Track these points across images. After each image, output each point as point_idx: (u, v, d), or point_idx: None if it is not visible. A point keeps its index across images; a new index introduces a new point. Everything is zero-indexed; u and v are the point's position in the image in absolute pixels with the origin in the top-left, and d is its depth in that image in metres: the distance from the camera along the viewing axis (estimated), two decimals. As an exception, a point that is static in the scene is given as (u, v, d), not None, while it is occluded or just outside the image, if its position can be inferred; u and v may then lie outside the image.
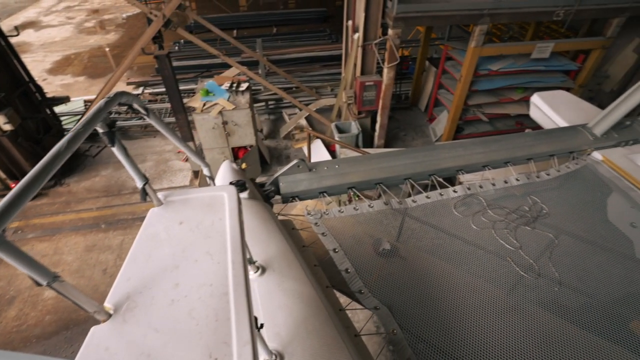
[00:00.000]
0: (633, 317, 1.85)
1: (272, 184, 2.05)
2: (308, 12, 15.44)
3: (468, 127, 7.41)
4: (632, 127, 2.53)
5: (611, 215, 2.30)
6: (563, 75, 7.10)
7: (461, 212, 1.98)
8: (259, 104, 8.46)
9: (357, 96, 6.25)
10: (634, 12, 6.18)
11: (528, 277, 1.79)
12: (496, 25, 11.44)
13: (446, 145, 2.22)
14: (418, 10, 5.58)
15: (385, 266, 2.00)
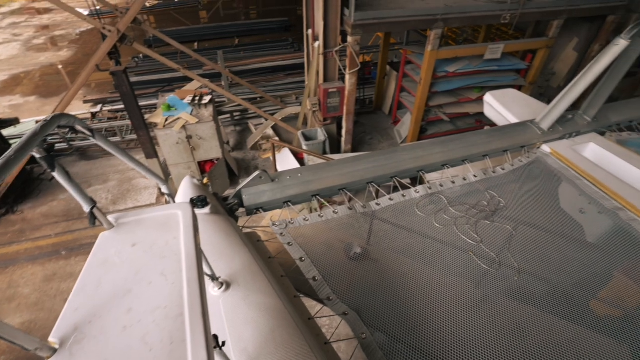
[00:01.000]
0: (591, 298, 1.97)
1: (235, 197, 2.02)
2: (270, 22, 15.50)
3: (431, 127, 7.66)
4: (574, 120, 2.71)
5: (562, 203, 2.44)
6: (515, 74, 7.51)
7: (424, 212, 2.04)
8: (223, 116, 8.35)
9: (322, 103, 6.32)
10: (570, 15, 6.67)
11: (490, 269, 1.86)
12: (451, 29, 11.97)
13: (406, 147, 2.29)
14: (375, 17, 5.74)
15: (357, 270, 2.01)
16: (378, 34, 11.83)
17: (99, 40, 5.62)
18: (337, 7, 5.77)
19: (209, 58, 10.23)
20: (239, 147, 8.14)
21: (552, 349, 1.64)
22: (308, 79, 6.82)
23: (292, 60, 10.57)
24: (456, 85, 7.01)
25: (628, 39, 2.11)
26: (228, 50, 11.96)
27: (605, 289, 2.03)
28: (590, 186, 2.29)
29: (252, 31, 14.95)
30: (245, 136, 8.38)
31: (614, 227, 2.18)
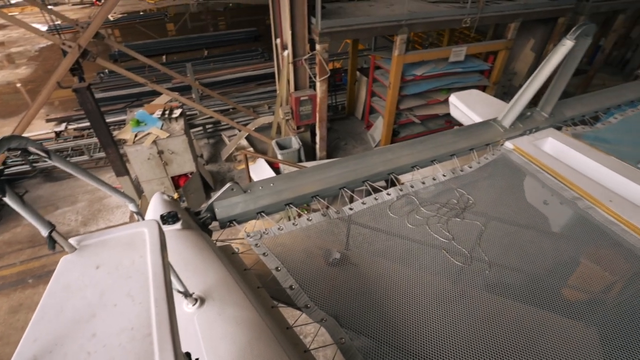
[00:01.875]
0: (562, 284, 2.05)
1: (207, 211, 1.99)
2: (238, 32, 15.48)
3: (403, 130, 7.84)
4: (533, 117, 2.85)
5: (527, 196, 2.55)
6: (479, 75, 7.82)
7: (397, 213, 2.07)
8: (196, 129, 8.23)
9: (294, 111, 6.35)
10: (525, 17, 7.04)
11: (463, 265, 1.92)
12: (417, 34, 12.34)
13: (376, 151, 2.33)
14: (342, 25, 5.85)
15: (337, 275, 2.02)
16: (347, 41, 12.04)
17: (60, 56, 5.44)
18: (303, 16, 5.85)
19: (178, 71, 10.10)
20: (214, 160, 8.03)
21: (528, 337, 1.70)
22: (279, 87, 6.84)
23: (263, 70, 10.59)
24: (424, 88, 7.22)
25: (573, 39, 2.25)
26: (197, 62, 11.85)
27: (574, 275, 2.12)
28: (551, 179, 2.40)
29: (221, 42, 14.88)
30: (219, 148, 8.28)
31: (574, 216, 2.29)
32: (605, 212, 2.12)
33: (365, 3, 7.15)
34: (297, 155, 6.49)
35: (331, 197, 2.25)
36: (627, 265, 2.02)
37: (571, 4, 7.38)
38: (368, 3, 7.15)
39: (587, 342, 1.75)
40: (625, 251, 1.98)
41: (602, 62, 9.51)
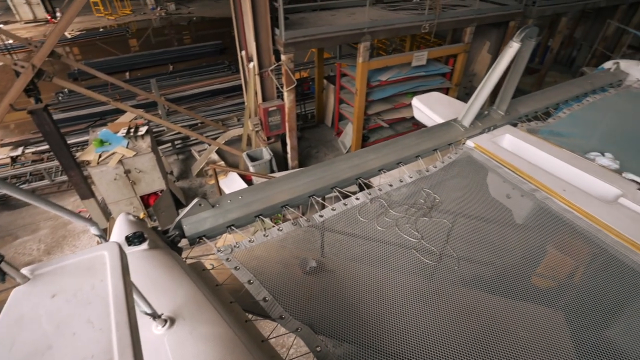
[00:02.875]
0: (531, 274, 2.14)
1: (175, 229, 1.95)
2: (204, 46, 15.35)
3: (373, 134, 7.99)
4: (490, 115, 2.99)
5: (491, 191, 2.66)
6: (441, 78, 8.12)
7: (366, 217, 2.11)
8: (164, 145, 8.04)
9: (263, 122, 6.34)
10: (480, 22, 7.41)
11: (433, 263, 1.97)
12: (380, 41, 12.67)
13: (343, 157, 2.37)
14: (305, 35, 5.94)
15: (314, 283, 2.02)
16: (312, 50, 12.20)
17: (13, 77, 5.19)
18: (267, 27, 5.89)
19: (142, 87, 9.88)
20: (184, 176, 7.87)
21: (502, 326, 1.76)
22: (247, 99, 6.82)
23: (230, 83, 10.53)
24: (390, 93, 7.41)
25: (519, 41, 2.40)
26: (162, 78, 11.63)
27: (539, 263, 2.23)
28: (511, 173, 2.52)
29: (187, 56, 14.69)
30: (189, 164, 8.13)
31: (534, 207, 2.41)
32: (560, 201, 2.24)
33: (327, 13, 7.30)
34: (268, 166, 6.47)
35: (305, 206, 2.27)
36: (583, 249, 2.14)
37: (519, 9, 7.85)
38: (330, 12, 7.31)
39: (555, 326, 1.83)
40: (580, 236, 2.10)
41: (551, 61, 10.12)
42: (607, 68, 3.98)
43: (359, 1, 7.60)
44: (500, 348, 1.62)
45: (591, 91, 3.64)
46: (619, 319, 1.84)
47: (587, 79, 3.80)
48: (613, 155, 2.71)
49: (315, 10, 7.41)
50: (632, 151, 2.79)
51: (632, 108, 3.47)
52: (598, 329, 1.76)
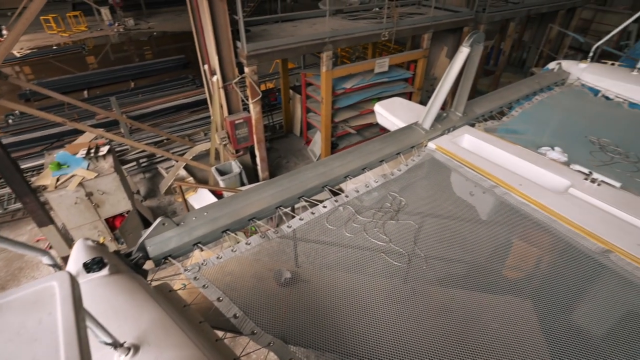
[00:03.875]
0: (498, 266, 2.22)
1: (139, 251, 1.88)
2: (166, 61, 15.03)
3: (341, 141, 8.08)
4: (449, 117, 3.11)
5: (455, 190, 2.75)
6: (404, 83, 8.37)
7: (335, 224, 2.12)
8: (128, 164, 7.76)
9: (231, 135, 6.27)
10: (436, 28, 7.73)
11: (402, 265, 2.00)
12: (343, 49, 12.92)
13: (308, 166, 2.38)
14: (267, 47, 5.96)
15: (286, 295, 2.00)
16: (277, 61, 12.25)
17: (-44, 103, 4.86)
18: (228, 40, 5.86)
19: (102, 105, 9.54)
20: (152, 195, 7.61)
21: (474, 320, 1.81)
22: (213, 113, 6.73)
23: (195, 97, 10.35)
24: (355, 100, 7.55)
25: (468, 46, 2.53)
26: (123, 95, 11.26)
27: (504, 255, 2.31)
28: (471, 172, 2.62)
29: (148, 72, 14.33)
30: (156, 182, 7.88)
31: (495, 202, 2.51)
32: (518, 195, 2.35)
33: (289, 24, 7.36)
34: (238, 179, 6.39)
35: (279, 217, 2.25)
36: (542, 239, 2.25)
37: (471, 16, 8.27)
38: (292, 24, 7.38)
39: (524, 314, 1.91)
40: (538, 227, 2.20)
41: (505, 63, 10.71)
42: (551, 68, 4.26)
43: (320, 12, 7.73)
44: (474, 341, 1.66)
45: (539, 90, 3.87)
46: (580, 302, 1.93)
47: (535, 79, 4.04)
48: (562, 148, 2.88)
49: (277, 22, 7.47)
50: (577, 144, 2.98)
51: (574, 104, 3.72)
52: (562, 312, 1.84)
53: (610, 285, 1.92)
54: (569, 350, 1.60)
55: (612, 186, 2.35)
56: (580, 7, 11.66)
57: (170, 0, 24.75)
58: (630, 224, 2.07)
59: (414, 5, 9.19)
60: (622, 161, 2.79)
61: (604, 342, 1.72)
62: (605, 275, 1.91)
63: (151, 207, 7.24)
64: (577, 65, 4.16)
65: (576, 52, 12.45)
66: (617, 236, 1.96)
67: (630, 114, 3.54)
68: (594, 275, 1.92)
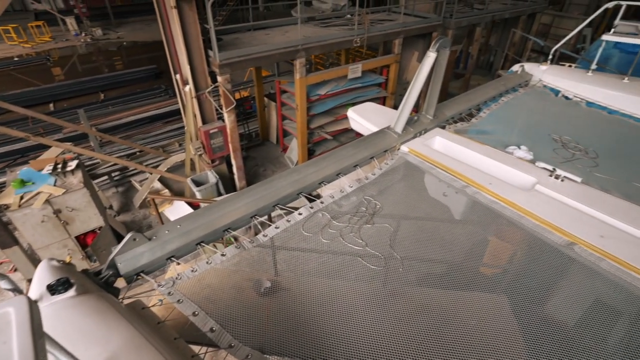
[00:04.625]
0: (473, 264, 2.27)
1: (109, 268, 1.81)
2: (137, 71, 14.69)
3: (318, 147, 8.11)
4: (420, 120, 3.18)
5: (429, 192, 2.81)
6: (377, 87, 8.51)
7: (311, 231, 2.12)
8: (100, 179, 7.50)
9: (206, 145, 6.18)
10: (406, 34, 7.92)
11: (379, 268, 2.02)
12: (318, 56, 13.03)
13: (282, 174, 2.38)
14: (240, 55, 5.93)
15: (265, 304, 1.97)
16: (251, 69, 12.22)
17: None
18: (200, 49, 5.81)
19: (69, 119, 9.21)
20: (126, 209, 7.38)
21: (453, 318, 1.85)
22: (186, 123, 6.62)
23: (168, 107, 10.17)
24: (330, 105, 7.61)
25: (435, 51, 2.61)
26: (93, 107, 10.91)
27: (479, 252, 2.37)
28: (444, 173, 2.69)
29: (119, 83, 13.95)
30: (130, 196, 7.65)
31: (467, 201, 2.58)
32: (488, 194, 2.43)
33: (261, 32, 7.37)
34: (215, 189, 6.29)
35: (257, 226, 2.22)
36: (512, 236, 2.33)
37: (439, 21, 8.54)
38: (264, 32, 7.39)
39: (501, 310, 1.96)
40: (508, 224, 2.27)
41: (473, 66, 11.10)
42: (515, 71, 4.45)
43: (292, 20, 7.78)
44: (454, 338, 1.69)
45: (505, 92, 4.03)
46: (550, 294, 2.00)
47: (501, 81, 4.20)
48: (527, 147, 3.00)
49: (249, 30, 7.46)
50: (541, 142, 3.11)
51: (537, 104, 3.90)
52: (534, 305, 1.91)
53: (577, 276, 2.01)
54: (543, 340, 1.65)
55: (574, 181, 2.46)
56: (539, 13, 12.28)
57: (139, 10, 24.27)
58: (591, 216, 2.17)
59: (384, 12, 9.41)
60: (582, 157, 2.93)
61: (575, 329, 1.78)
62: (571, 267, 1.99)
63: (125, 221, 7.02)
64: (539, 67, 4.36)
65: (538, 55, 13.06)
66: (580, 229, 2.05)
67: (588, 113, 3.74)
68: (561, 268, 2.00)
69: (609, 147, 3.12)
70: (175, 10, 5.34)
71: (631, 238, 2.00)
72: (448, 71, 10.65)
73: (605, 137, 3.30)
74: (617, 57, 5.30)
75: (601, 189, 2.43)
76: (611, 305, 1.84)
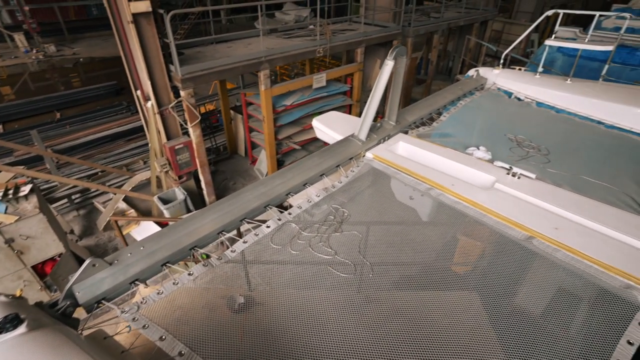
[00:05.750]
0: (447, 263, 2.32)
1: (66, 298, 1.71)
2: (96, 88, 14.11)
3: (288, 157, 8.11)
4: (383, 127, 3.26)
5: (395, 196, 2.86)
6: (342, 96, 8.65)
7: (280, 243, 2.10)
8: (58, 202, 7.10)
9: (171, 162, 6.02)
10: (367, 43, 8.14)
11: (349, 276, 2.03)
12: (283, 67, 13.10)
13: (248, 187, 2.35)
14: (202, 69, 5.86)
15: (243, 321, 1.93)
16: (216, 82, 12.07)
17: None
18: (160, 64, 5.68)
19: (21, 140, 8.71)
20: (89, 232, 7.02)
21: (428, 319, 1.87)
22: (150, 140, 6.42)
23: (131, 125, 9.83)
24: (297, 115, 7.64)
25: (392, 59, 2.70)
26: (48, 127, 10.36)
27: (447, 252, 2.43)
28: (408, 177, 2.75)
29: (77, 101, 13.33)
30: (93, 218, 7.29)
31: (432, 203, 2.65)
32: (451, 195, 2.51)
33: (224, 45, 7.32)
34: (184, 206, 6.11)
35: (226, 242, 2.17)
36: (477, 234, 2.41)
37: (398, 30, 8.84)
38: (227, 45, 7.35)
39: (474, 307, 2.01)
40: (473, 223, 2.35)
41: (433, 72, 11.56)
42: (471, 75, 4.67)
43: (255, 32, 7.79)
44: (429, 339, 1.72)
45: (462, 95, 4.21)
46: (515, 286, 2.08)
47: (458, 86, 4.40)
48: (486, 147, 3.14)
49: (212, 44, 7.39)
50: (498, 142, 3.27)
51: (493, 106, 4.10)
52: (502, 298, 1.97)
53: (537, 267, 2.11)
54: (512, 331, 1.72)
55: (529, 178, 2.60)
56: (491, 20, 13.01)
57: (95, 25, 23.40)
58: (546, 210, 2.30)
59: (345, 22, 9.62)
60: (535, 154, 3.10)
61: (540, 318, 1.87)
62: (532, 260, 2.09)
63: (89, 246, 6.67)
64: (492, 71, 4.60)
65: (493, 59, 13.80)
66: (537, 223, 2.16)
67: (538, 112, 3.98)
68: (523, 261, 2.09)
69: (558, 143, 3.33)
70: (132, 25, 5.20)
71: (582, 229, 2.13)
72: (410, 77, 11.01)
73: (555, 135, 3.52)
74: (561, 59, 5.71)
75: (554, 184, 2.58)
76: (570, 292, 1.95)
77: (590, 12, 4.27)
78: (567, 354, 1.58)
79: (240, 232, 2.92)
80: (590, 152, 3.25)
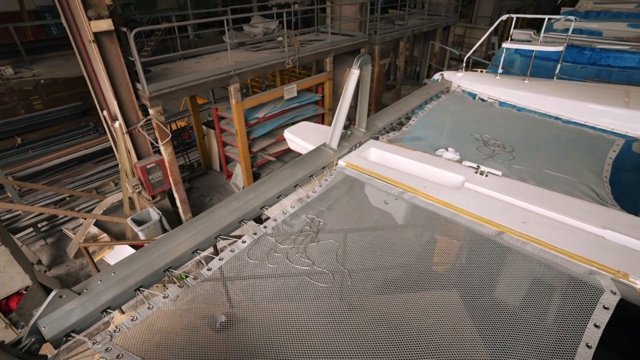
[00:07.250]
0: (424, 264, 2.35)
1: (31, 335, 1.62)
2: (61, 110, 13.53)
3: (263, 170, 8.06)
4: (354, 134, 3.31)
5: (371, 201, 2.89)
6: (314, 105, 8.72)
7: (256, 258, 2.08)
8: (23, 232, 6.74)
9: (144, 182, 5.86)
10: (335, 52, 8.28)
11: (328, 285, 2.03)
12: (253, 79, 13.07)
13: (222, 203, 2.32)
14: (170, 86, 5.77)
15: (226, 339, 1.88)
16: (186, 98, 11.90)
17: None
18: (127, 83, 5.56)
19: (-21, 170, 8.20)
20: (59, 262, 6.69)
21: (413, 319, 1.89)
22: (120, 161, 6.23)
23: (99, 146, 9.51)
24: (270, 127, 7.64)
25: (358, 67, 2.75)
26: (8, 154, 9.85)
27: (425, 253, 2.47)
28: (381, 182, 2.79)
29: (39, 124, 12.71)
30: (63, 246, 6.96)
31: (407, 206, 2.70)
32: (423, 197, 2.56)
33: (192, 60, 7.26)
34: (159, 226, 5.94)
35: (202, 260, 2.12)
36: (451, 233, 2.47)
37: (365, 38, 9.05)
38: (195, 60, 7.29)
39: (453, 304, 2.05)
40: (446, 223, 2.41)
41: (402, 77, 11.87)
42: (436, 79, 4.82)
43: (223, 46, 7.76)
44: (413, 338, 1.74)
45: (429, 99, 4.34)
46: (491, 281, 2.14)
47: (425, 90, 4.53)
48: (454, 148, 3.24)
49: (180, 60, 7.31)
50: (465, 143, 3.38)
51: (459, 108, 4.25)
52: (480, 294, 2.02)
53: (509, 261, 2.18)
54: (491, 324, 1.76)
55: (496, 175, 2.70)
56: (452, 25, 13.55)
57: (55, 45, 22.56)
58: (513, 205, 2.39)
59: (313, 32, 9.75)
60: (501, 152, 3.23)
61: (516, 308, 1.92)
62: (504, 254, 2.16)
63: (59, 275, 6.35)
64: (456, 74, 4.78)
65: (457, 63, 14.33)
66: (505, 218, 2.24)
67: (501, 111, 4.15)
68: (496, 256, 2.15)
69: (521, 140, 3.48)
70: (94, 44, 5.08)
71: (547, 220, 2.23)
72: (380, 84, 11.25)
73: (517, 132, 3.67)
74: (519, 60, 6.00)
75: (519, 179, 2.69)
76: (540, 282, 2.02)
77: (540, 15, 4.53)
78: (542, 341, 1.64)
79: (217, 249, 2.87)
80: (550, 147, 3.41)
